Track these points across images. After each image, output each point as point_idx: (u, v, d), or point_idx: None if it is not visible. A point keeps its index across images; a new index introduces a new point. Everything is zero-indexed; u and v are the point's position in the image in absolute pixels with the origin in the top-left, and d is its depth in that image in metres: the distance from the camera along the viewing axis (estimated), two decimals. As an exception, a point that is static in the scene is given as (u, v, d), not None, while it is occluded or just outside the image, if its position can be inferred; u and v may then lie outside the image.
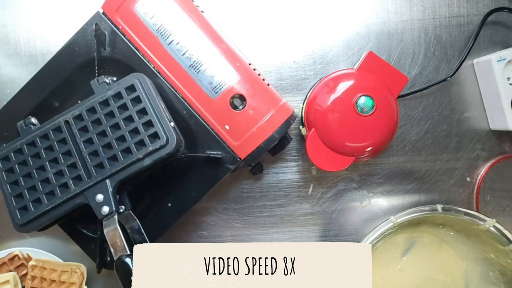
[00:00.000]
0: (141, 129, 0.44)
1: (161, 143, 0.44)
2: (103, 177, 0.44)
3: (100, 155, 0.45)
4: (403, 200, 0.58)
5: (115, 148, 0.44)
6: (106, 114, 0.45)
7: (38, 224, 0.46)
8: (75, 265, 0.55)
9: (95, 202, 0.45)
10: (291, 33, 0.56)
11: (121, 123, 0.44)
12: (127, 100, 0.45)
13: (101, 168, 0.45)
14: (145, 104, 0.44)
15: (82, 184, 0.45)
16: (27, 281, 0.55)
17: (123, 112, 0.45)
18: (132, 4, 0.49)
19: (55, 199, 0.45)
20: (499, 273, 0.55)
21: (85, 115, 0.45)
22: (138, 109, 0.44)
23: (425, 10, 0.56)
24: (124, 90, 0.45)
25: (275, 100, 0.50)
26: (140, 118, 0.44)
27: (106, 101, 0.45)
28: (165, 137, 0.44)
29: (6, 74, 0.57)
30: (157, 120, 0.44)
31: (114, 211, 0.45)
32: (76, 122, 0.45)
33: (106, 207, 0.44)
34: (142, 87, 0.45)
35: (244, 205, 0.58)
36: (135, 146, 0.44)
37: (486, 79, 0.55)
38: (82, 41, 0.49)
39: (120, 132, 0.44)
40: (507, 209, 0.58)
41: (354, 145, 0.50)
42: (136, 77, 0.45)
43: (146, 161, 0.44)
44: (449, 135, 0.57)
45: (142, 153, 0.44)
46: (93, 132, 0.45)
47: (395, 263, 0.58)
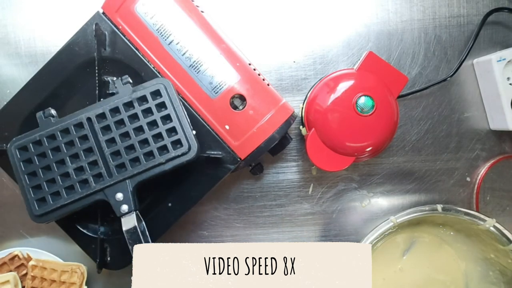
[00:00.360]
0: (165, 134, 0.45)
1: (183, 150, 0.45)
2: (124, 177, 0.45)
3: (123, 156, 0.45)
4: (403, 200, 0.58)
5: (137, 151, 0.45)
6: (130, 116, 0.45)
7: (55, 216, 0.46)
8: (75, 265, 0.55)
9: (115, 200, 0.46)
10: (291, 33, 0.56)
11: (145, 127, 0.45)
12: (152, 105, 0.45)
13: (123, 168, 0.46)
14: (170, 111, 0.45)
15: (103, 182, 0.45)
16: (27, 281, 0.55)
17: (147, 116, 0.45)
18: (132, 4, 0.49)
19: (75, 194, 0.46)
20: (499, 273, 0.55)
21: (108, 114, 0.45)
22: (163, 115, 0.45)
23: (425, 10, 0.56)
24: (150, 94, 0.45)
25: (275, 100, 0.50)
26: (164, 124, 0.45)
27: (130, 102, 0.45)
28: (187, 145, 0.45)
29: (6, 74, 0.57)
30: (180, 128, 0.45)
31: (133, 209, 0.46)
32: (98, 120, 0.45)
33: (125, 205, 0.46)
34: (168, 93, 0.46)
35: (244, 205, 0.58)
36: (157, 150, 0.45)
37: (486, 79, 0.55)
38: (82, 41, 0.49)
39: (144, 135, 0.45)
40: (507, 209, 0.58)
41: (354, 145, 0.50)
42: (161, 82, 0.46)
43: (167, 166, 0.45)
44: (449, 135, 0.57)
45: (164, 158, 0.45)
46: (116, 132, 0.45)
47: (395, 263, 0.58)
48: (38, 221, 0.47)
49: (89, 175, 0.46)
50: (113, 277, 0.58)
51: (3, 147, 0.50)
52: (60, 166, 0.46)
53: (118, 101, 0.45)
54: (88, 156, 0.46)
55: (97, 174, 0.46)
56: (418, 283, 0.58)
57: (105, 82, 0.50)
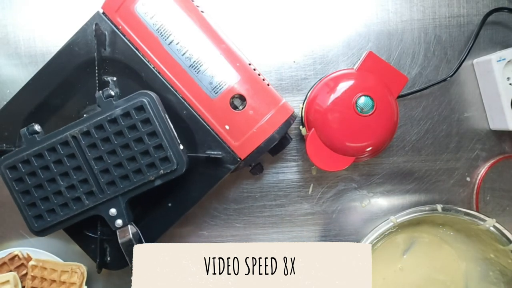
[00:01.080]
0: (152, 151, 0.45)
1: (172, 167, 0.45)
2: (116, 194, 0.46)
3: (112, 174, 0.45)
4: (403, 200, 0.58)
5: (126, 168, 0.45)
6: (115, 133, 0.45)
7: (54, 230, 0.48)
8: (75, 265, 0.55)
9: (109, 216, 0.47)
10: (291, 33, 0.56)
11: (131, 144, 0.45)
12: (137, 122, 0.45)
13: (113, 185, 0.46)
14: (155, 127, 0.45)
15: (95, 200, 0.46)
16: (27, 281, 0.55)
17: (132, 133, 0.45)
18: (132, 4, 0.49)
19: (69, 211, 0.46)
20: (499, 273, 0.55)
21: (93, 132, 0.45)
22: (149, 132, 0.45)
23: (425, 10, 0.56)
24: (133, 110, 0.44)
25: (275, 100, 0.50)
26: (151, 141, 0.45)
27: (114, 119, 0.45)
28: (176, 162, 0.45)
29: (6, 74, 0.57)
30: (167, 145, 0.45)
31: (127, 223, 0.47)
32: (84, 138, 0.45)
33: (119, 220, 0.47)
34: (152, 108, 0.45)
35: (244, 205, 0.58)
36: (146, 167, 0.45)
37: (486, 79, 0.55)
38: (82, 41, 0.49)
39: (131, 153, 0.45)
40: (507, 209, 0.58)
41: (354, 145, 0.50)
42: (144, 97, 0.45)
43: (156, 182, 0.46)
44: (449, 135, 0.57)
45: (153, 176, 0.45)
46: (103, 150, 0.45)
47: (395, 263, 0.58)
48: (39, 235, 0.48)
49: (81, 193, 0.46)
50: (113, 277, 0.58)
51: (3, 147, 0.50)
52: (51, 184, 0.46)
53: (102, 118, 0.44)
54: (78, 175, 0.46)
55: (89, 192, 0.46)
56: (418, 283, 0.58)
57: (105, 82, 0.50)
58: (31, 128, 0.46)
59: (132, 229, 0.48)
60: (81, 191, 0.46)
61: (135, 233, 0.48)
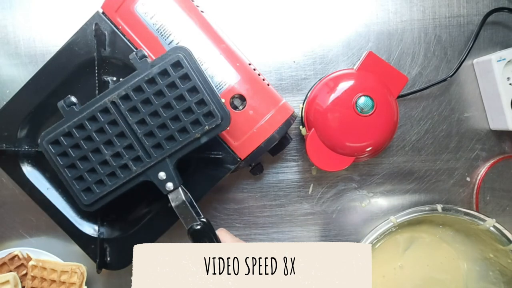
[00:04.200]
0: (195, 108, 0.43)
1: (216, 122, 0.43)
2: (163, 156, 0.44)
3: (157, 136, 0.44)
4: (403, 200, 0.58)
5: (170, 129, 0.44)
6: (154, 94, 0.43)
7: (104, 202, 0.46)
8: (75, 265, 0.55)
9: (158, 180, 0.45)
10: (291, 33, 0.56)
11: (172, 103, 0.43)
12: (175, 78, 0.43)
13: (159, 148, 0.44)
14: (195, 82, 0.43)
15: (143, 165, 0.44)
16: (27, 281, 0.55)
17: (172, 91, 0.43)
18: (132, 4, 0.49)
19: (118, 180, 0.45)
20: (498, 273, 0.55)
21: (132, 95, 0.43)
22: (189, 88, 0.43)
23: (425, 10, 0.56)
24: (170, 67, 0.43)
25: (275, 100, 0.50)
26: (192, 97, 0.43)
27: (152, 79, 0.43)
28: (220, 116, 0.43)
29: (6, 74, 0.57)
30: (209, 99, 0.43)
31: (178, 185, 0.45)
32: (123, 103, 0.43)
33: (170, 183, 0.45)
34: (189, 63, 0.43)
35: (244, 205, 0.58)
36: (190, 125, 0.44)
37: (486, 79, 0.55)
38: (82, 41, 0.49)
39: (173, 112, 0.43)
40: (507, 209, 0.58)
41: (354, 145, 0.50)
42: (180, 51, 0.43)
43: (203, 139, 0.44)
44: (449, 135, 0.57)
45: (199, 132, 0.44)
46: (145, 112, 0.43)
47: (395, 260, 0.58)
48: (89, 209, 0.46)
49: (128, 159, 0.44)
50: (113, 277, 0.58)
51: (3, 147, 0.50)
52: (96, 154, 0.44)
53: (139, 79, 0.43)
54: (122, 141, 0.44)
55: (135, 158, 0.44)
56: (418, 282, 0.58)
57: (105, 82, 0.50)
58: (68, 100, 0.45)
59: (183, 192, 0.46)
60: (127, 158, 0.44)
61: (186, 196, 0.46)
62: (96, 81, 0.48)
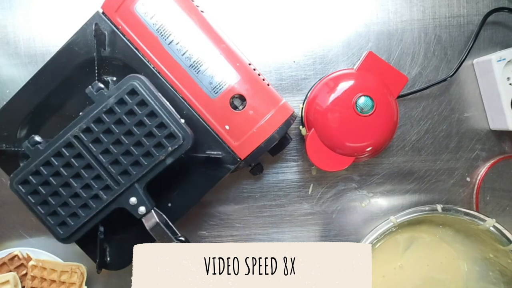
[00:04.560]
0: (156, 132, 0.44)
1: (179, 142, 0.44)
2: (131, 182, 0.45)
3: (122, 163, 0.45)
4: (403, 200, 0.58)
5: (135, 154, 0.45)
6: (115, 123, 0.44)
7: (81, 233, 0.47)
8: (75, 265, 0.55)
9: (130, 205, 0.46)
10: (291, 33, 0.56)
11: (133, 129, 0.44)
12: (133, 106, 0.44)
13: (127, 174, 0.45)
14: (152, 107, 0.44)
15: (113, 193, 0.46)
16: (27, 281, 0.55)
17: (132, 118, 0.44)
18: (132, 4, 0.49)
19: (91, 211, 0.46)
20: (498, 273, 0.55)
21: (93, 127, 0.44)
22: (147, 113, 0.44)
23: (425, 10, 0.56)
24: (126, 95, 0.44)
25: (275, 100, 0.50)
26: (152, 122, 0.44)
27: (110, 109, 0.44)
28: (181, 135, 0.44)
29: (6, 74, 0.57)
30: (168, 121, 0.44)
31: (150, 208, 0.46)
32: (86, 136, 0.45)
33: (142, 207, 0.46)
34: (144, 89, 0.44)
35: (244, 205, 0.58)
36: (154, 149, 0.45)
37: (486, 79, 0.55)
38: (82, 41, 0.49)
39: (135, 138, 0.45)
40: (507, 209, 0.58)
41: (354, 145, 0.50)
42: (134, 80, 0.45)
43: (168, 160, 0.45)
44: (449, 135, 0.57)
45: (163, 155, 0.45)
46: (107, 142, 0.45)
47: (395, 260, 0.58)
48: (67, 243, 0.47)
49: (97, 189, 0.45)
50: (113, 277, 0.58)
51: (2, 147, 0.50)
52: (67, 188, 0.46)
53: (98, 111, 0.44)
54: (89, 173, 0.45)
55: (105, 187, 0.46)
56: (418, 282, 0.58)
57: (105, 82, 0.50)
58: (32, 140, 0.46)
59: (157, 214, 0.47)
60: (97, 188, 0.45)
61: (161, 217, 0.47)
62: (96, 81, 0.48)
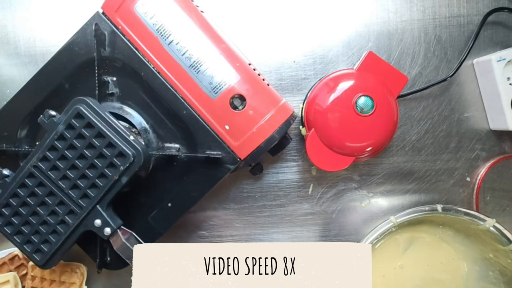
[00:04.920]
0: (105, 152, 0.45)
1: (129, 160, 0.44)
2: (93, 205, 0.46)
3: (81, 187, 0.46)
4: (403, 200, 0.58)
5: (90, 177, 0.45)
6: (68, 148, 0.45)
7: (57, 259, 0.48)
8: (75, 265, 0.55)
9: (96, 228, 0.47)
10: (291, 33, 0.56)
11: (85, 153, 0.45)
12: (81, 129, 0.44)
13: (87, 197, 0.46)
14: (99, 128, 0.44)
15: (77, 217, 0.46)
16: (27, 281, 0.55)
17: (82, 141, 0.45)
18: (132, 4, 0.49)
19: (60, 236, 0.47)
20: (498, 273, 0.55)
21: (48, 155, 0.45)
22: (94, 135, 0.45)
23: (425, 10, 0.56)
24: (73, 120, 0.45)
25: (275, 100, 0.50)
26: (100, 143, 0.45)
27: (61, 135, 0.45)
28: (131, 153, 0.44)
29: (6, 74, 0.57)
30: (116, 140, 0.44)
31: (116, 228, 0.47)
32: (43, 164, 0.45)
33: (107, 228, 0.47)
34: (89, 111, 0.45)
35: (244, 205, 0.58)
36: (107, 169, 0.45)
37: (486, 79, 0.55)
38: (82, 41, 0.49)
39: (89, 161, 0.45)
40: (507, 209, 0.58)
41: (354, 145, 0.50)
42: (79, 103, 0.45)
43: (123, 179, 0.45)
44: (449, 135, 0.57)
45: (116, 174, 0.45)
46: (64, 168, 0.45)
47: (395, 260, 0.58)
48: (46, 268, 0.48)
49: (63, 215, 0.46)
50: (113, 277, 0.58)
51: (3, 147, 0.50)
52: (36, 217, 0.47)
53: (51, 139, 0.45)
54: (53, 199, 0.46)
55: (69, 212, 0.46)
56: (418, 282, 0.58)
57: (105, 82, 0.50)
58: (0, 173, 0.47)
59: (125, 233, 0.48)
60: (62, 214, 0.46)
61: (130, 236, 0.48)
62: (96, 81, 0.48)
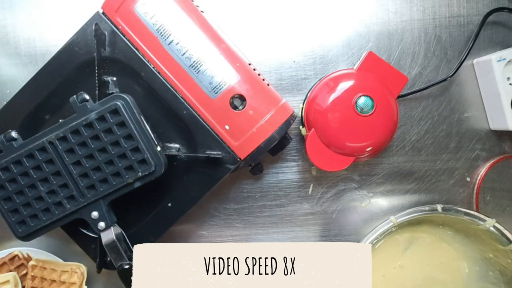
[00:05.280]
0: (129, 154, 0.44)
1: (150, 169, 0.44)
2: (96, 198, 0.46)
3: (91, 178, 0.45)
4: (403, 200, 0.58)
5: (104, 172, 0.45)
6: (91, 138, 0.44)
7: (39, 235, 0.48)
8: (75, 265, 0.55)
9: (91, 219, 0.47)
10: (291, 33, 0.56)
11: (108, 148, 0.44)
12: (112, 125, 0.44)
13: (93, 189, 0.46)
14: (130, 130, 0.44)
15: (76, 204, 0.46)
16: (27, 281, 0.55)
17: (108, 136, 0.44)
18: (132, 4, 0.49)
19: (52, 216, 0.46)
20: (498, 273, 0.55)
21: (69, 137, 0.44)
22: (124, 135, 0.44)
23: (425, 10, 0.56)
24: (108, 114, 0.44)
25: (275, 100, 0.50)
26: (127, 144, 0.44)
27: (90, 123, 0.44)
28: (153, 163, 0.44)
29: (6, 74, 0.57)
30: (144, 147, 0.44)
31: (110, 225, 0.47)
32: (61, 144, 0.45)
33: (102, 222, 0.47)
34: (126, 111, 0.44)
35: (244, 205, 0.58)
36: (124, 170, 0.45)
37: (486, 79, 0.55)
38: (82, 41, 0.49)
39: (108, 156, 0.45)
40: (507, 209, 0.58)
41: (354, 145, 0.50)
42: (119, 100, 0.44)
43: (136, 184, 0.45)
44: (449, 135, 0.57)
45: (132, 178, 0.45)
46: (81, 155, 0.45)
47: (395, 260, 0.58)
48: (24, 240, 0.48)
49: (62, 197, 0.46)
50: (113, 277, 0.58)
51: (3, 147, 0.50)
52: (32, 190, 0.46)
53: (78, 123, 0.44)
54: (57, 180, 0.46)
55: (70, 196, 0.46)
56: (418, 282, 0.58)
57: (105, 82, 0.50)
58: (8, 135, 0.46)
59: (116, 230, 0.48)
60: (61, 196, 0.46)
61: (119, 234, 0.48)
62: (96, 81, 0.48)
